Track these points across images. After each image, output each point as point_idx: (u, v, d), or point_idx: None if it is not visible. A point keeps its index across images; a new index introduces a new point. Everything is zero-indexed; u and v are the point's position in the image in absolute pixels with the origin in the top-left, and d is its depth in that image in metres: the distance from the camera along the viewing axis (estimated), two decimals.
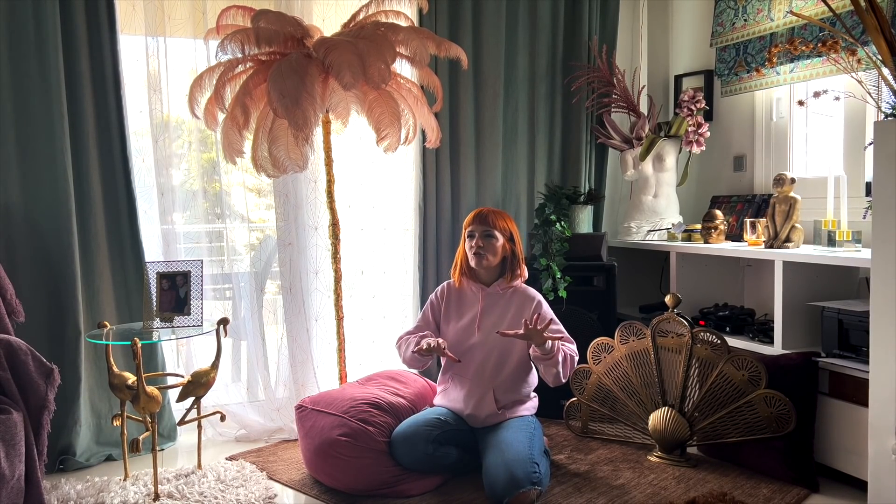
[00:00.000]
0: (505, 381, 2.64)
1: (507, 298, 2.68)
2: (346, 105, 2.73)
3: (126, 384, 2.47)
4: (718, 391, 2.66)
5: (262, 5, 2.84)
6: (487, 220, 2.67)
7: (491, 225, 2.66)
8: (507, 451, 2.36)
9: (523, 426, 2.54)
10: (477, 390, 2.62)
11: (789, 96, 3.32)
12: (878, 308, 2.06)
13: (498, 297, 2.69)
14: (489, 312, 2.68)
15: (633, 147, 3.59)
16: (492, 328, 2.64)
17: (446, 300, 2.77)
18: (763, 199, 3.31)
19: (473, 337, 2.66)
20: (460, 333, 2.69)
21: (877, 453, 2.08)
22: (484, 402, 2.61)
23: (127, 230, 2.90)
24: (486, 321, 2.67)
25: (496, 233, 2.66)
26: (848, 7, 2.66)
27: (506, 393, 2.63)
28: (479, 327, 2.66)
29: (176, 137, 3.14)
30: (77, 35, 2.78)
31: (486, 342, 2.64)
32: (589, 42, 3.63)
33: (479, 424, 2.62)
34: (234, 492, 2.46)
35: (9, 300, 2.42)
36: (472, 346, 2.65)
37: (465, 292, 2.75)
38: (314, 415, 2.56)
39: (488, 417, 2.60)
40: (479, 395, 2.62)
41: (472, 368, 2.64)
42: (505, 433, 2.48)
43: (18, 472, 1.98)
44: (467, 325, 2.68)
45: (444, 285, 2.81)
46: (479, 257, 2.66)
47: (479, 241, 2.66)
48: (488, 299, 2.69)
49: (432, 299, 2.80)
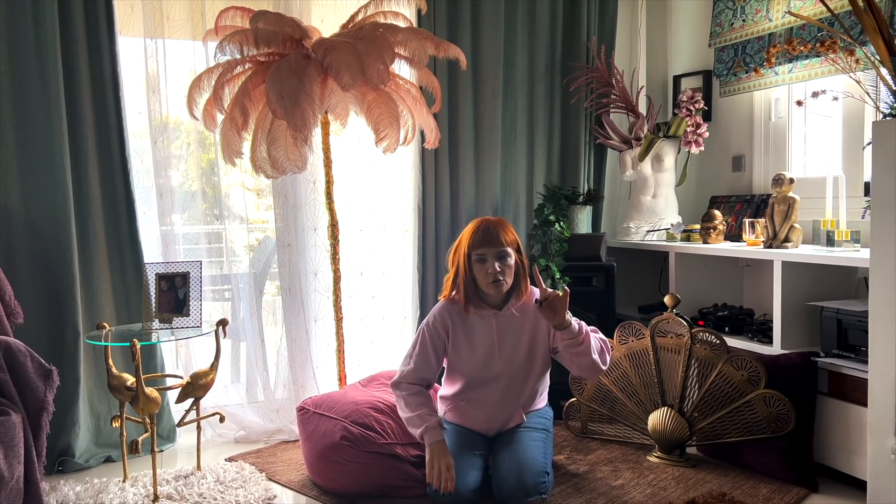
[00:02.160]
0: (532, 395, 2.53)
1: (520, 318, 2.46)
2: (344, 106, 2.73)
3: (125, 385, 2.47)
4: (718, 391, 2.66)
5: (260, 6, 2.84)
6: (499, 239, 2.36)
7: (503, 243, 2.36)
8: (521, 458, 2.32)
9: (540, 429, 2.48)
10: (504, 413, 2.48)
11: (788, 96, 3.32)
12: (877, 308, 2.06)
13: (512, 319, 2.45)
14: (506, 337, 2.45)
15: (632, 147, 3.59)
16: (512, 353, 2.44)
17: (453, 331, 2.45)
18: (762, 199, 3.31)
19: (495, 367, 2.44)
20: (479, 366, 2.45)
21: (876, 453, 2.08)
22: (512, 419, 2.50)
23: (126, 231, 2.90)
24: (504, 347, 2.44)
25: (509, 251, 2.38)
26: (846, 7, 2.66)
27: (533, 403, 2.55)
28: (499, 355, 2.44)
29: (175, 139, 3.14)
30: (76, 37, 2.78)
31: (510, 368, 2.45)
32: (588, 42, 3.63)
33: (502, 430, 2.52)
34: (234, 493, 2.46)
35: (8, 301, 2.41)
36: (496, 376, 2.46)
37: (472, 318, 2.45)
38: (316, 418, 2.56)
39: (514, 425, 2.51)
40: (506, 417, 2.49)
41: (496, 396, 2.46)
42: (522, 436, 2.42)
43: (17, 473, 1.98)
44: (486, 357, 2.44)
45: (444, 312, 2.46)
46: (498, 285, 2.36)
47: (496, 265, 2.34)
48: (502, 324, 2.44)
49: (430, 331, 2.45)
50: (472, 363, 2.45)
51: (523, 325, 2.46)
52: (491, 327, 2.45)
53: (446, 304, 2.48)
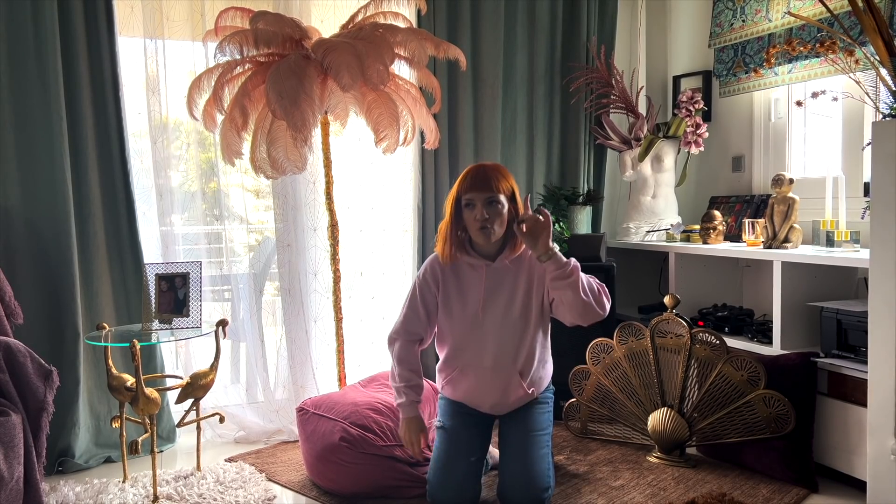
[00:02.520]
0: (529, 359, 2.31)
1: (514, 270, 2.29)
2: (344, 106, 2.73)
3: (125, 386, 2.47)
4: (717, 391, 2.66)
5: (260, 7, 2.84)
6: (490, 184, 2.21)
7: (495, 189, 2.21)
8: (529, 466, 2.23)
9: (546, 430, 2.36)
10: (500, 381, 2.31)
11: (787, 97, 3.32)
12: (877, 308, 2.06)
13: (505, 272, 2.29)
14: (496, 291, 2.29)
15: (632, 148, 3.59)
16: (504, 309, 2.28)
17: (443, 284, 2.33)
18: (761, 200, 3.31)
19: (485, 323, 2.29)
20: (465, 324, 2.31)
21: (876, 453, 2.08)
22: (510, 389, 2.32)
23: (126, 232, 2.90)
24: (495, 304, 2.29)
25: (501, 197, 2.22)
26: (846, 7, 2.66)
27: (532, 370, 2.33)
28: (484, 310, 2.29)
29: (175, 139, 3.14)
30: (76, 37, 2.78)
31: (502, 326, 2.28)
32: (587, 43, 3.63)
33: (505, 411, 2.38)
34: (234, 493, 2.46)
35: (8, 302, 2.42)
36: (484, 334, 2.29)
37: (462, 269, 2.32)
38: (315, 419, 2.56)
39: (516, 402, 2.36)
40: (502, 386, 2.31)
41: (488, 358, 2.29)
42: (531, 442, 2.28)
43: (17, 474, 1.98)
44: (474, 310, 2.30)
45: (435, 264, 2.34)
46: (486, 232, 2.22)
47: (483, 211, 2.20)
48: (493, 277, 2.29)
49: (421, 283, 2.35)
50: (462, 319, 2.31)
51: (518, 279, 2.29)
52: (481, 279, 2.30)
53: (436, 259, 2.35)
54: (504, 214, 2.24)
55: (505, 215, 2.24)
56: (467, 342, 2.32)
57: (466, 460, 2.28)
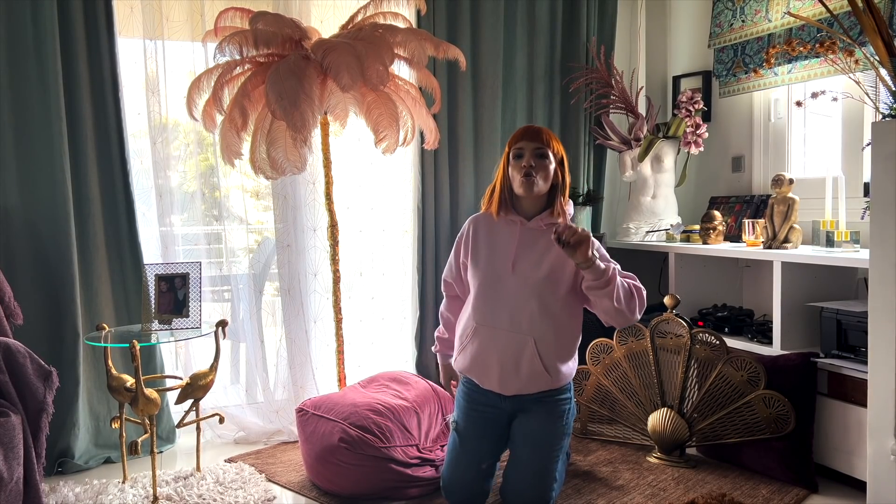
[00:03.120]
0: (548, 329, 2.20)
1: (549, 236, 2.18)
2: (344, 107, 2.73)
3: (125, 386, 2.46)
4: (717, 392, 2.66)
5: (260, 7, 2.84)
6: (540, 137, 2.21)
7: (545, 143, 2.21)
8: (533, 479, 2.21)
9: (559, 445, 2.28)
10: (513, 345, 2.19)
11: (787, 97, 3.32)
12: (877, 308, 2.06)
13: (539, 235, 2.24)
14: (527, 251, 2.23)
15: (632, 148, 3.59)
16: (530, 270, 2.21)
17: (474, 236, 2.32)
18: (761, 200, 3.31)
19: (507, 278, 2.22)
20: (490, 273, 2.25)
21: (876, 454, 2.08)
22: (523, 359, 2.19)
23: (125, 232, 2.90)
24: (523, 261, 2.22)
25: (549, 152, 2.22)
26: (845, 8, 2.66)
27: (550, 349, 2.20)
28: (514, 267, 2.22)
29: (174, 139, 3.14)
30: (75, 38, 2.78)
31: (524, 285, 2.20)
32: (587, 43, 3.63)
33: (515, 390, 2.23)
34: (233, 494, 2.46)
35: (7, 303, 2.41)
36: (506, 291, 2.22)
37: (500, 225, 2.29)
38: (315, 419, 2.56)
39: (529, 382, 2.22)
40: (515, 352, 2.19)
41: (504, 316, 2.21)
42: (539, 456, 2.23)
43: (17, 474, 1.97)
44: (501, 264, 2.24)
45: (473, 219, 2.36)
46: (529, 180, 2.18)
47: (532, 159, 2.19)
48: (527, 235, 2.25)
49: (459, 238, 2.38)
50: (487, 273, 2.26)
51: (550, 247, 2.20)
52: (514, 237, 2.26)
53: (478, 214, 2.37)
54: (549, 170, 2.22)
55: (550, 171, 2.22)
56: (488, 297, 2.25)
57: (477, 467, 2.28)
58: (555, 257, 2.21)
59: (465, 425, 2.32)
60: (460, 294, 2.45)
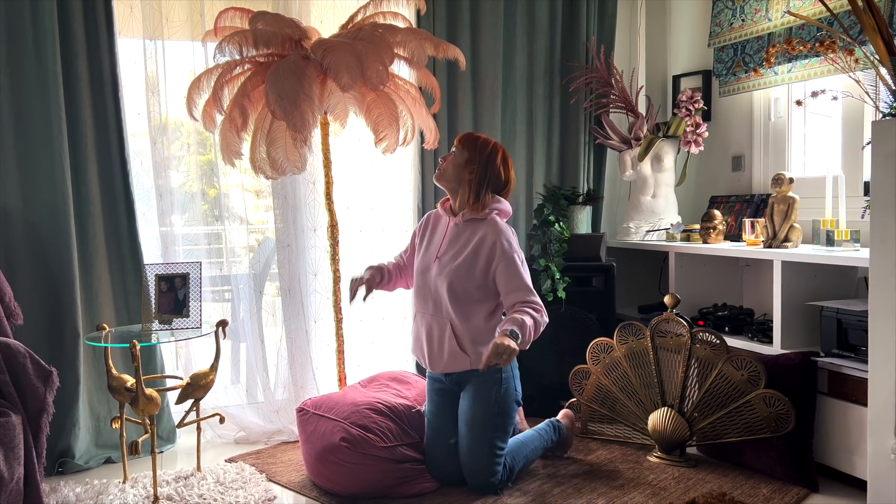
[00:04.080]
0: (461, 317, 2.47)
1: (472, 231, 2.52)
2: (344, 106, 2.73)
3: (125, 386, 2.47)
4: (718, 391, 2.66)
5: (259, 7, 2.84)
6: (458, 138, 2.61)
7: (458, 142, 2.59)
8: (471, 456, 2.46)
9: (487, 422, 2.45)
10: (436, 327, 2.51)
11: (787, 96, 3.32)
12: (877, 307, 2.06)
13: (463, 229, 2.54)
14: (452, 244, 2.53)
15: (632, 147, 3.59)
16: (450, 260, 2.50)
17: (425, 227, 2.69)
18: (761, 199, 3.31)
19: (432, 267, 2.54)
20: (422, 263, 2.60)
21: (876, 453, 2.08)
22: (444, 340, 2.49)
23: (125, 232, 2.90)
24: (447, 253, 2.53)
25: (457, 149, 2.57)
26: (845, 7, 2.66)
27: (464, 331, 2.47)
28: (438, 258, 2.53)
29: (174, 139, 3.14)
30: (75, 38, 2.78)
31: (442, 275, 2.49)
32: (587, 42, 3.63)
33: (440, 369, 2.52)
34: (234, 494, 2.46)
35: (7, 303, 2.42)
36: (431, 279, 2.54)
37: (441, 220, 2.64)
38: (315, 419, 2.56)
39: (451, 360, 2.49)
40: (437, 334, 2.51)
41: (430, 303, 2.54)
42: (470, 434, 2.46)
43: (17, 474, 1.98)
44: (430, 255, 2.57)
45: (430, 212, 2.73)
46: (437, 171, 2.59)
47: (442, 158, 2.60)
48: (454, 230, 2.56)
49: (417, 226, 2.75)
50: (422, 262, 2.60)
51: (471, 239, 2.51)
52: (445, 229, 2.59)
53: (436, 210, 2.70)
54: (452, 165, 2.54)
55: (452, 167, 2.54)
56: (419, 285, 2.58)
57: (445, 443, 2.52)
58: (472, 251, 2.49)
59: (428, 408, 2.62)
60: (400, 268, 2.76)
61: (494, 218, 2.53)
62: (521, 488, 2.51)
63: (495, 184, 2.56)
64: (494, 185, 2.56)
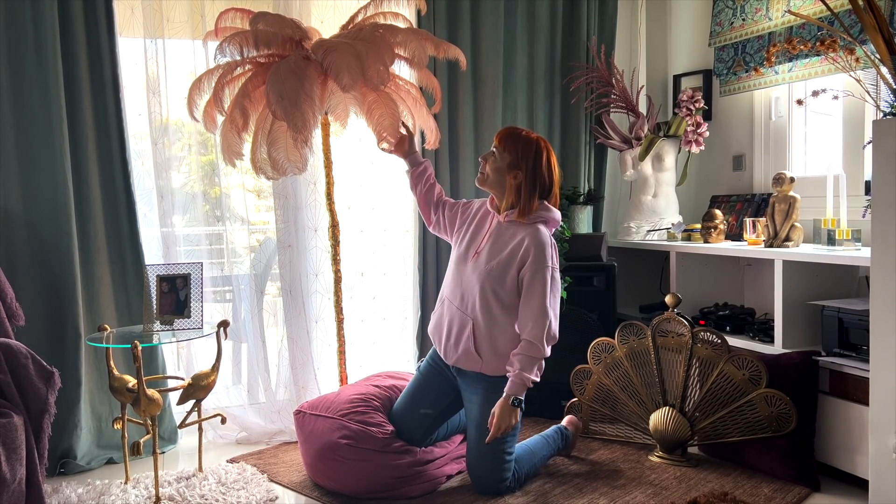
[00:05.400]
0: (486, 321, 2.44)
1: (513, 234, 2.46)
2: (344, 107, 2.73)
3: (126, 387, 2.47)
4: (719, 391, 2.66)
5: (260, 7, 2.84)
6: (499, 136, 2.52)
7: (499, 141, 2.50)
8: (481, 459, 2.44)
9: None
10: (458, 321, 2.50)
11: (788, 95, 3.32)
12: (878, 306, 2.06)
13: (505, 229, 2.49)
14: (492, 243, 2.48)
15: (633, 147, 3.59)
16: (486, 260, 2.46)
17: (475, 213, 2.61)
18: (762, 199, 3.31)
19: (469, 262, 2.51)
20: (461, 254, 2.56)
21: (877, 452, 2.08)
22: (463, 336, 2.47)
23: (126, 233, 2.90)
24: (485, 251, 2.48)
25: (498, 151, 2.49)
26: (846, 6, 2.66)
27: (484, 335, 2.45)
28: (477, 254, 2.49)
29: (175, 140, 3.14)
30: (76, 38, 2.78)
31: (476, 273, 2.47)
32: (587, 42, 3.63)
33: (452, 360, 2.53)
34: (235, 494, 2.46)
35: (9, 304, 2.42)
36: (466, 273, 2.51)
37: (489, 215, 2.57)
38: (312, 419, 2.56)
39: (463, 357, 2.49)
40: (459, 327, 2.49)
41: (458, 295, 2.52)
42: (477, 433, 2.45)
43: (19, 475, 1.98)
44: (470, 249, 2.53)
45: (478, 201, 2.67)
46: (479, 175, 2.55)
47: (483, 158, 2.54)
48: (496, 228, 2.50)
49: (472, 200, 2.70)
50: (459, 250, 2.58)
51: (507, 245, 2.46)
52: (489, 226, 2.55)
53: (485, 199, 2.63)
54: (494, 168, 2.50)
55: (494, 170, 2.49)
56: (453, 274, 2.57)
57: (417, 409, 2.57)
58: (506, 257, 2.44)
59: (419, 374, 2.67)
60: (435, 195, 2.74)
61: (538, 226, 2.45)
62: (522, 488, 2.51)
63: (542, 188, 2.47)
64: (541, 191, 2.47)
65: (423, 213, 2.75)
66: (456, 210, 2.69)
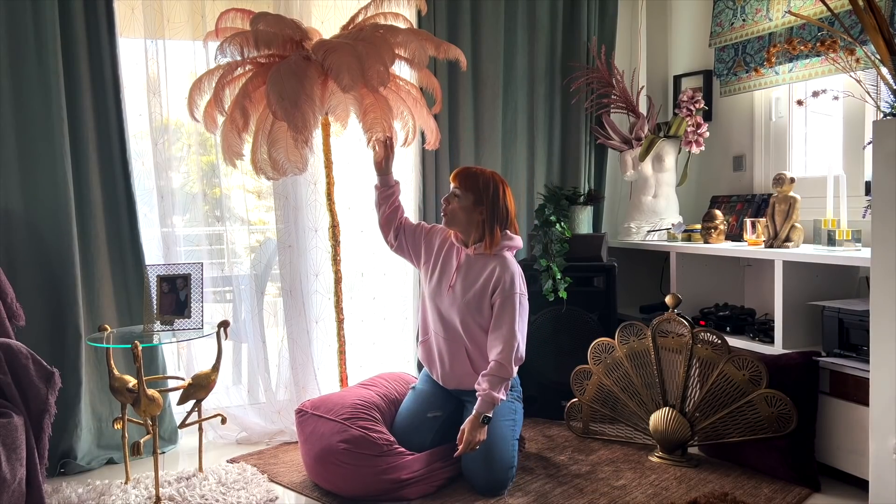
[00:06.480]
0: (475, 345, 2.60)
1: (482, 265, 2.61)
2: (345, 107, 2.73)
3: (127, 387, 2.47)
4: (719, 391, 2.66)
5: (260, 7, 2.84)
6: (457, 178, 2.64)
7: (458, 183, 2.63)
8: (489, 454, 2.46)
9: (506, 419, 2.57)
10: (452, 349, 2.63)
11: (788, 96, 3.32)
12: (879, 307, 2.06)
13: (475, 261, 2.63)
14: (464, 276, 2.62)
15: (633, 147, 3.59)
16: (462, 294, 2.60)
17: (441, 243, 2.72)
18: (763, 199, 3.31)
19: (447, 297, 2.63)
20: (435, 289, 2.67)
21: (878, 452, 2.08)
22: (457, 360, 2.63)
23: (127, 233, 2.91)
24: (459, 285, 2.62)
25: (461, 192, 2.61)
26: (846, 6, 2.66)
27: (481, 358, 2.59)
28: (452, 288, 2.62)
29: (175, 140, 3.14)
30: (76, 38, 2.78)
31: (455, 306, 2.60)
32: (588, 42, 3.63)
33: (453, 385, 2.67)
34: (236, 494, 2.47)
35: (9, 304, 2.42)
36: (446, 308, 2.63)
37: (452, 247, 2.70)
38: (314, 420, 2.56)
39: (464, 378, 2.63)
40: (453, 355, 2.63)
41: (442, 327, 2.65)
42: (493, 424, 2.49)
43: (20, 475, 1.98)
44: (443, 284, 2.65)
45: (439, 230, 2.76)
46: (444, 216, 2.65)
47: (445, 200, 2.65)
48: (466, 261, 2.64)
49: (432, 226, 2.79)
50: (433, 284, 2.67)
51: (479, 277, 2.59)
52: (457, 259, 2.65)
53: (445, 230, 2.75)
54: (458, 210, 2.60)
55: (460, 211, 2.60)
56: (432, 308, 2.67)
57: (424, 414, 2.64)
58: (480, 288, 2.58)
59: (419, 385, 2.76)
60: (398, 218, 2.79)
61: (504, 255, 2.61)
62: (522, 488, 2.52)
63: (503, 219, 2.63)
64: (502, 222, 2.63)
65: (384, 232, 2.80)
66: (419, 237, 2.77)
